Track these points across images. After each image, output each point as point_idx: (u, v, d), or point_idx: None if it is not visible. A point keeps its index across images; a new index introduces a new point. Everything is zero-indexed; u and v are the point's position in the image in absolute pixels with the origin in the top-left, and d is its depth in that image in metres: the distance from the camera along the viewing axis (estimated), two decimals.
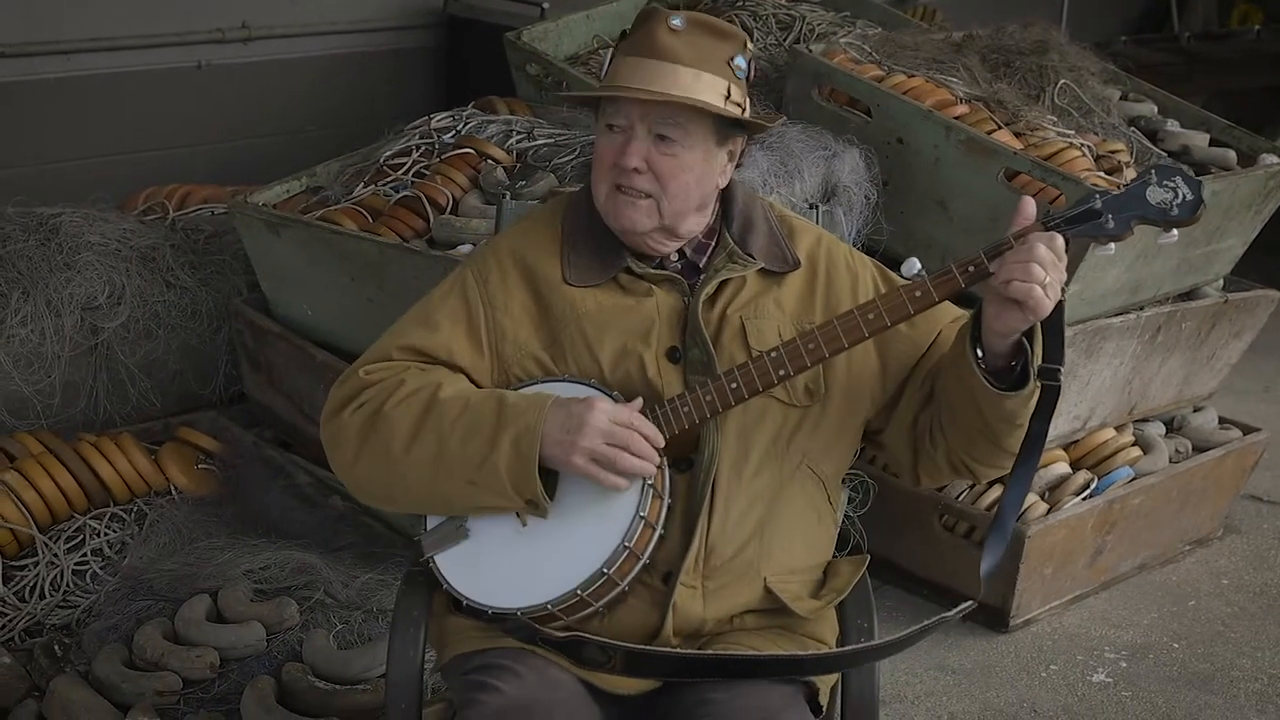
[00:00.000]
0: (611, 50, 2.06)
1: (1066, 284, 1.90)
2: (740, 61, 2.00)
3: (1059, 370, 1.91)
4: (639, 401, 1.94)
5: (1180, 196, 1.91)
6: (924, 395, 2.04)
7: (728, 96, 1.98)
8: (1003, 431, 1.95)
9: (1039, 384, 1.90)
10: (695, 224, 2.06)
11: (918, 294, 1.93)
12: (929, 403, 2.03)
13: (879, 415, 2.09)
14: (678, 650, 1.94)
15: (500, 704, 1.83)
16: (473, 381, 2.02)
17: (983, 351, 1.91)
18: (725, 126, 2.02)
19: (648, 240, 2.04)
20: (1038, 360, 1.89)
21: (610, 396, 1.95)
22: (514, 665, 1.90)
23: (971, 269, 1.90)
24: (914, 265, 1.97)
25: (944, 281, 1.92)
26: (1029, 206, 1.91)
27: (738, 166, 2.09)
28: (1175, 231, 1.93)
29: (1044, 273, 1.83)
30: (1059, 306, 1.87)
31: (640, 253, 2.06)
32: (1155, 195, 1.91)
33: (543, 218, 2.13)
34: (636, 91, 1.95)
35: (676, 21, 1.98)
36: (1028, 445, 1.96)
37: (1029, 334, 1.89)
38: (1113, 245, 1.93)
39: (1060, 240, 1.87)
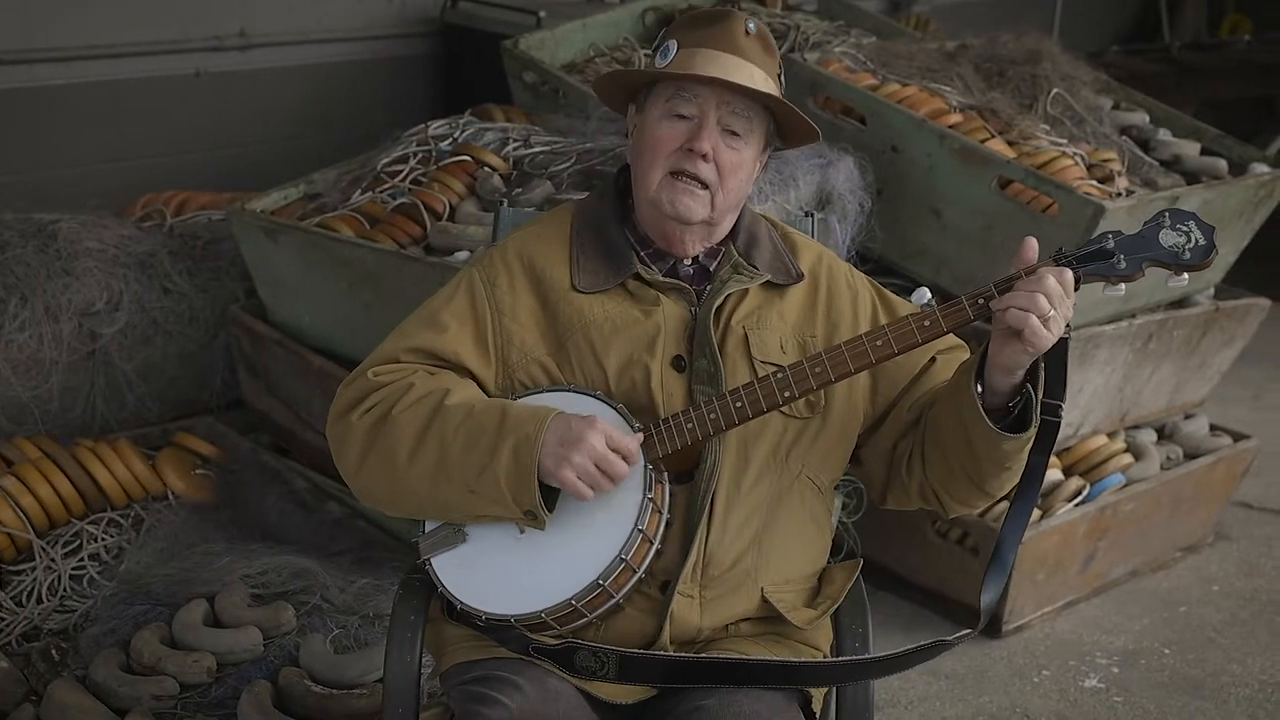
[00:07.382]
0: (666, 41, 2.05)
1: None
2: (782, 78, 2.07)
3: (1060, 406, 1.90)
4: (639, 438, 1.93)
5: (1193, 241, 1.89)
6: (909, 422, 2.05)
7: None
8: (989, 472, 1.94)
9: (1040, 420, 1.89)
10: (725, 227, 2.08)
11: (926, 323, 1.92)
12: (912, 430, 2.04)
13: (863, 433, 2.10)
14: (671, 654, 1.94)
15: (503, 718, 1.83)
16: (479, 384, 2.02)
17: (983, 388, 1.90)
18: (769, 135, 2.06)
19: (686, 236, 2.05)
20: (1039, 404, 1.87)
21: (614, 409, 1.95)
22: (514, 677, 1.89)
23: (981, 301, 1.89)
24: (924, 295, 1.98)
25: (953, 312, 1.91)
26: (1030, 248, 1.90)
27: None
28: (1186, 275, 1.91)
29: (1048, 305, 1.81)
30: (1063, 342, 1.86)
31: (662, 252, 2.07)
32: (1168, 238, 1.89)
33: (552, 222, 2.13)
34: (721, 80, 1.96)
35: (752, 26, 2.02)
36: (1027, 478, 1.95)
37: (1033, 378, 1.88)
38: (1123, 286, 1.91)
39: (1070, 275, 1.86)
